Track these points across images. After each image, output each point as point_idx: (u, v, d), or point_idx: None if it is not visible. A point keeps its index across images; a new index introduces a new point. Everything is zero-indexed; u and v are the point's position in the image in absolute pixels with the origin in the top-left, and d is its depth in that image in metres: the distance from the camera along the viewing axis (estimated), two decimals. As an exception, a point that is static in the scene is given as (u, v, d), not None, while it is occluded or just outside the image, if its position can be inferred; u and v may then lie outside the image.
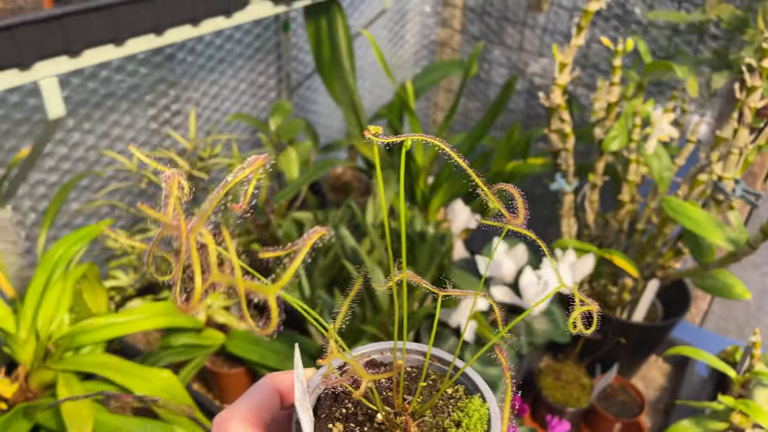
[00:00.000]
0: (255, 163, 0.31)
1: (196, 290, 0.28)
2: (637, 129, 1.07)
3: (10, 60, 0.78)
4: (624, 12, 1.71)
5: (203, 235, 0.29)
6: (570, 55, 1.01)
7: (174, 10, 0.92)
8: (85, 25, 0.83)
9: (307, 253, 0.30)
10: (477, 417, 0.38)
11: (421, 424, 0.38)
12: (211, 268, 0.29)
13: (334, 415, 0.38)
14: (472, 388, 0.41)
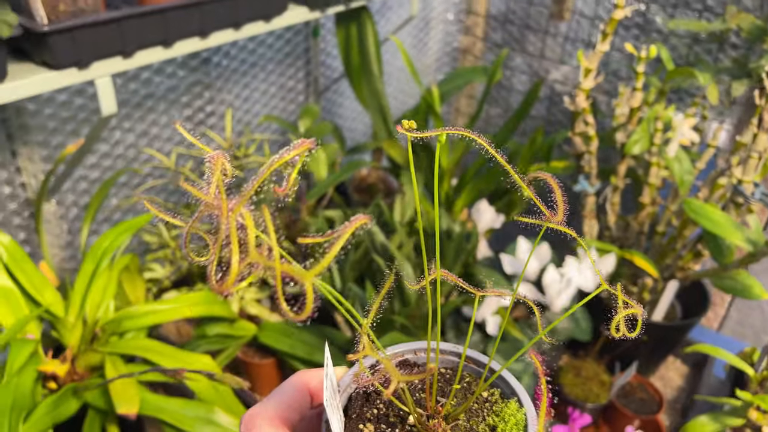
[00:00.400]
0: (300, 146, 0.32)
1: (233, 270, 0.28)
2: (659, 133, 1.11)
3: (69, 59, 0.84)
4: (645, 21, 1.75)
5: (243, 215, 0.29)
6: (595, 61, 1.05)
7: (219, 14, 0.98)
8: (139, 27, 0.88)
9: (340, 247, 0.29)
10: (513, 422, 0.37)
11: (454, 427, 0.38)
12: (249, 249, 0.28)
13: (365, 416, 0.38)
14: (508, 392, 0.40)
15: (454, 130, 0.34)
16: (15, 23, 0.75)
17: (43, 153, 1.18)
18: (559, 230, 0.36)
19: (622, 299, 0.35)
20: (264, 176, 0.31)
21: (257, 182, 0.30)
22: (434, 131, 0.33)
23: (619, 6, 1.00)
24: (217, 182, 0.30)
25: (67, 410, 0.84)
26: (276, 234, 0.29)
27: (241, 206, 0.29)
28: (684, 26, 1.59)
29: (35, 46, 0.82)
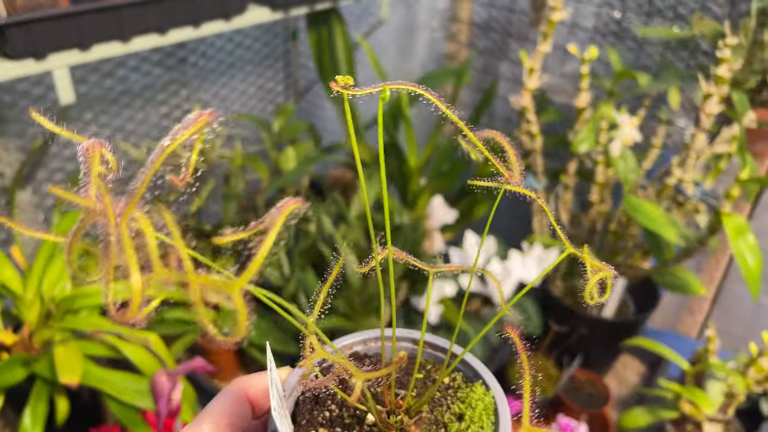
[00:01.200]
0: (197, 122, 0.27)
1: (134, 293, 0.23)
2: (604, 132, 1.14)
3: (26, 51, 0.90)
4: (620, 29, 1.78)
5: (137, 219, 0.24)
6: (537, 61, 1.09)
7: (177, 11, 1.04)
8: (96, 22, 0.94)
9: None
10: (481, 407, 0.35)
11: (418, 422, 0.35)
12: (152, 262, 0.23)
13: (317, 420, 0.35)
14: (471, 375, 0.38)
15: (396, 84, 0.30)
16: (-29, 15, 0.82)
17: (19, 143, 1.25)
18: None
19: (589, 263, 0.33)
20: (154, 168, 0.25)
21: (148, 175, 0.25)
22: (377, 87, 0.30)
23: (556, 8, 1.04)
24: (96, 182, 0.25)
25: (15, 377, 0.90)
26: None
27: (131, 209, 0.24)
28: (654, 33, 1.63)
29: (-6, 37, 0.88)
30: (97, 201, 0.24)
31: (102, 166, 0.26)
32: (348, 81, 0.30)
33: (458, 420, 0.35)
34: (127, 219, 0.24)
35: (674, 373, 1.39)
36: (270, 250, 0.24)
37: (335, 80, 0.30)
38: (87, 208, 0.25)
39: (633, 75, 1.14)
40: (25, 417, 0.91)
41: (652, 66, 1.71)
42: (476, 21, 2.09)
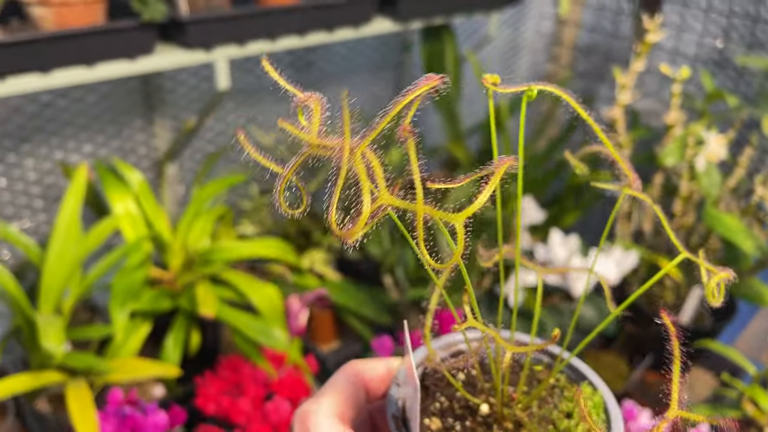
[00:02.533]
0: (425, 84, 0.30)
1: (364, 211, 0.26)
2: (691, 148, 1.22)
3: (200, 43, 1.11)
4: (721, 58, 1.83)
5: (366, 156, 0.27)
6: (630, 79, 1.19)
7: (315, 17, 1.23)
8: (252, 23, 1.15)
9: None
10: (590, 405, 0.36)
11: (529, 415, 0.36)
12: (380, 190, 0.26)
13: (429, 410, 0.36)
14: (575, 377, 0.39)
15: (541, 85, 0.34)
16: (164, 12, 1.03)
17: (173, 124, 1.48)
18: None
19: (704, 266, 0.35)
20: (391, 114, 0.29)
21: (385, 120, 0.29)
22: (519, 87, 0.34)
23: (651, 31, 1.14)
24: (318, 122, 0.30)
25: (163, 305, 1.10)
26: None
27: (367, 142, 0.27)
28: (754, 63, 1.67)
29: (176, 31, 1.09)
30: (321, 138, 0.28)
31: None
32: (496, 80, 0.33)
33: (567, 417, 0.36)
34: (362, 151, 0.27)
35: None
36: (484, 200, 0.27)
37: (485, 78, 0.33)
38: (311, 144, 0.28)
39: (723, 96, 1.22)
40: (168, 342, 1.11)
41: (751, 95, 1.75)
42: (579, 45, 2.19)
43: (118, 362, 1.01)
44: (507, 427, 0.36)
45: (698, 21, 1.89)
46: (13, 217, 1.34)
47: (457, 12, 1.48)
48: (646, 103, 2.03)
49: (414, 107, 0.30)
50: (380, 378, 0.38)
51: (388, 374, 0.39)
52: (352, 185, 0.27)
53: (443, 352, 0.40)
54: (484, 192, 0.28)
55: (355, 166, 0.27)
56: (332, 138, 0.28)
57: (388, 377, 0.39)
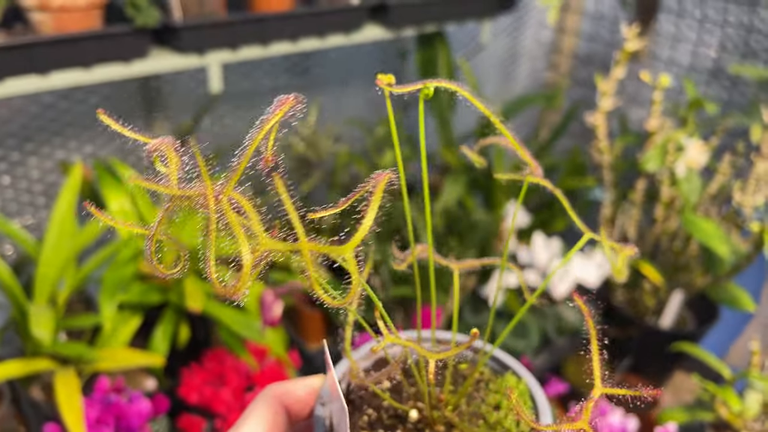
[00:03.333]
0: (283, 105, 0.28)
1: (245, 265, 0.24)
2: (671, 154, 1.24)
3: (193, 47, 1.16)
4: (716, 67, 1.85)
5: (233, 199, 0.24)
6: (610, 86, 1.22)
7: (307, 24, 1.27)
8: (245, 29, 1.19)
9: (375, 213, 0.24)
10: (516, 394, 0.36)
11: (459, 414, 0.36)
12: (257, 234, 0.23)
13: (357, 425, 0.35)
14: (498, 368, 0.39)
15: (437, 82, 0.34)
16: (158, 18, 1.08)
17: (171, 125, 1.53)
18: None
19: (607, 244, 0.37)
20: (251, 149, 0.27)
21: (246, 156, 0.27)
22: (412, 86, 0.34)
23: (629, 39, 1.17)
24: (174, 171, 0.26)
25: (153, 298, 1.14)
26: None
27: (231, 186, 0.25)
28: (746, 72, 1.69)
29: (170, 36, 1.14)
30: (180, 188, 0.25)
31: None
32: (390, 79, 0.33)
33: (495, 410, 0.36)
34: (227, 196, 0.24)
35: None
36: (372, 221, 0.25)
37: (379, 78, 0.33)
38: (173, 195, 0.25)
39: (703, 104, 1.24)
40: (157, 334, 1.15)
41: (745, 103, 1.77)
42: (577, 53, 2.22)
43: (107, 352, 1.05)
44: (438, 430, 0.36)
45: (693, 31, 1.91)
46: (15, 214, 1.39)
47: (448, 19, 1.51)
48: (641, 112, 2.05)
49: (272, 137, 0.28)
50: (302, 399, 0.37)
51: (309, 394, 0.38)
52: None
53: (366, 362, 0.40)
54: (367, 215, 0.25)
55: (226, 215, 0.24)
56: (194, 185, 0.26)
57: (310, 398, 0.38)
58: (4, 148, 1.32)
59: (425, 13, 1.44)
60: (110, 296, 1.05)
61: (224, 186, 0.25)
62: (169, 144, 0.27)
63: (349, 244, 0.24)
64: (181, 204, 0.27)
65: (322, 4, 1.29)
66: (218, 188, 0.26)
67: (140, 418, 0.97)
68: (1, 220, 1.16)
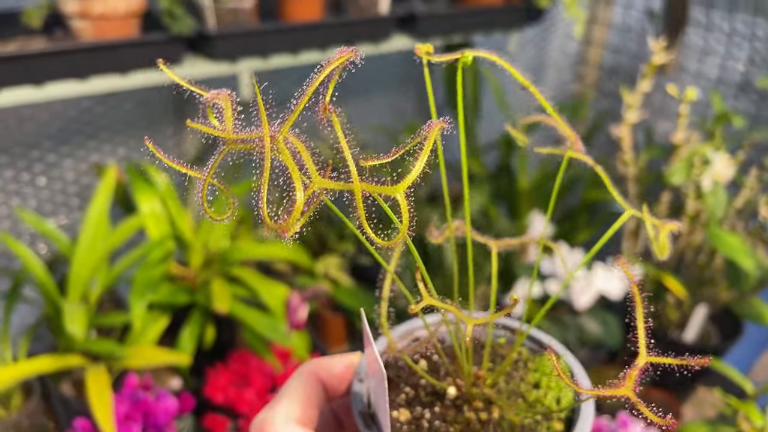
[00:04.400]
0: (341, 56, 0.29)
1: (297, 200, 0.24)
2: (697, 167, 1.24)
3: (226, 55, 1.19)
4: (744, 81, 1.84)
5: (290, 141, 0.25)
6: (637, 99, 1.22)
7: (336, 33, 1.29)
8: (276, 38, 1.22)
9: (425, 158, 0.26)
10: (561, 365, 0.35)
11: (497, 392, 0.36)
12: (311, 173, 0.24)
13: (395, 402, 0.35)
14: (536, 348, 0.39)
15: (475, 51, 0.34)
16: (192, 26, 1.11)
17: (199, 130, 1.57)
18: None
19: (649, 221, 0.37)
20: (308, 94, 0.28)
21: (302, 102, 0.28)
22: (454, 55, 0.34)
23: (656, 53, 1.17)
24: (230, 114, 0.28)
25: (181, 299, 1.17)
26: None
27: (287, 127, 0.26)
28: (774, 87, 1.68)
29: (204, 44, 1.17)
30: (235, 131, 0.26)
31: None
32: (429, 48, 0.34)
33: (534, 388, 0.36)
34: (283, 136, 0.25)
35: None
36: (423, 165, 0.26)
37: (418, 47, 0.34)
38: (227, 138, 0.26)
39: (730, 118, 1.24)
40: (184, 333, 1.18)
41: (772, 118, 1.75)
42: (604, 65, 2.22)
43: (136, 349, 1.08)
44: (477, 407, 0.35)
45: (721, 44, 1.90)
46: (50, 213, 1.44)
47: (475, 30, 1.53)
48: (668, 125, 2.04)
49: (332, 84, 0.29)
50: (339, 375, 0.37)
51: (347, 370, 0.38)
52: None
53: (402, 342, 0.39)
54: (419, 160, 0.26)
55: (281, 155, 0.25)
56: (249, 130, 0.26)
57: (347, 374, 0.38)
58: (41, 150, 1.37)
59: (453, 24, 1.46)
60: (140, 296, 1.08)
61: (280, 127, 0.26)
62: (225, 95, 0.28)
63: (401, 185, 0.25)
64: (236, 148, 0.27)
65: (352, 15, 1.31)
66: (274, 131, 0.26)
67: (167, 416, 0.99)
68: (37, 219, 1.20)
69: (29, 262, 1.12)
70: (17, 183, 1.37)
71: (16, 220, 1.38)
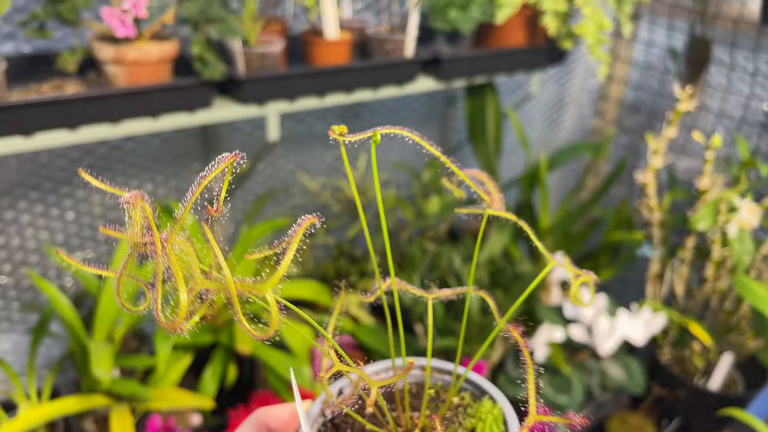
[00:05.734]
0: (225, 160, 0.31)
1: (181, 303, 0.27)
2: (723, 214, 1.23)
3: (254, 98, 1.21)
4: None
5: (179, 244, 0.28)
6: (662, 144, 1.22)
7: (362, 77, 1.31)
8: (303, 82, 1.24)
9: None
10: (491, 419, 0.38)
11: None
12: (194, 274, 0.27)
13: None
14: (478, 393, 0.41)
15: (387, 129, 0.36)
16: (223, 71, 1.14)
17: (227, 167, 1.59)
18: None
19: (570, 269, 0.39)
20: (192, 199, 0.30)
21: (187, 207, 0.30)
22: (364, 133, 0.35)
23: (682, 100, 1.18)
24: (137, 223, 0.30)
25: (205, 339, 1.18)
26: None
27: (175, 233, 0.28)
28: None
29: (233, 87, 1.20)
30: (142, 235, 0.29)
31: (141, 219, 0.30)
32: (343, 130, 0.34)
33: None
34: (171, 244, 0.28)
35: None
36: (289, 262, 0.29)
37: (332, 129, 0.34)
38: (133, 242, 0.29)
39: (756, 164, 1.23)
40: (206, 374, 1.19)
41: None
42: (624, 102, 2.22)
43: (159, 391, 1.09)
44: None
45: (745, 84, 1.90)
46: (77, 247, 1.46)
47: (498, 72, 1.54)
48: (690, 162, 2.03)
49: (224, 186, 0.32)
50: (286, 422, 0.39)
51: (292, 418, 0.40)
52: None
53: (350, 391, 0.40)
54: (287, 255, 0.28)
55: (169, 259, 0.27)
56: (149, 235, 0.30)
57: (293, 421, 0.40)
58: (71, 185, 1.40)
59: (476, 66, 1.47)
60: (165, 337, 1.09)
61: (168, 236, 0.28)
62: (136, 198, 0.30)
63: (268, 284, 0.27)
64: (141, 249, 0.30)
65: (377, 58, 1.33)
66: (164, 237, 0.29)
67: (189, 459, 0.99)
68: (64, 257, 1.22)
69: (56, 299, 1.14)
70: (46, 218, 1.40)
71: (45, 254, 1.41)
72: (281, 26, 1.31)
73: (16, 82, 1.10)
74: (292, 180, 1.71)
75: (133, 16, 1.03)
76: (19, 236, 1.38)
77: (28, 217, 1.37)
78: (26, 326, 1.43)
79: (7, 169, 1.31)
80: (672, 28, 1.83)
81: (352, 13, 1.51)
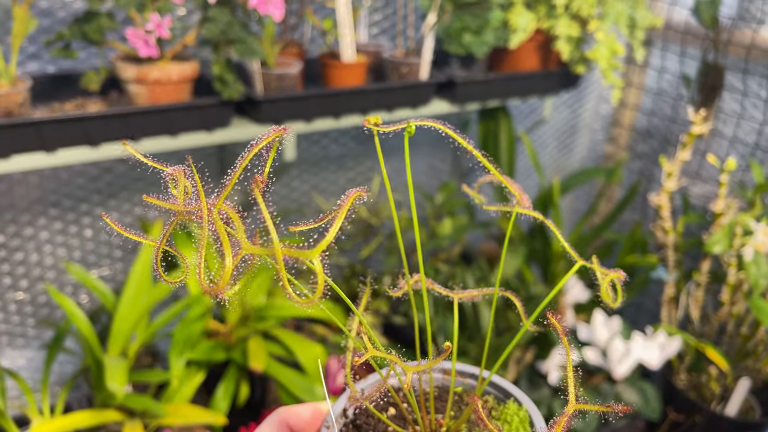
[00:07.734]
0: (272, 134, 0.32)
1: (227, 266, 0.27)
2: (738, 237, 1.23)
3: (271, 118, 1.23)
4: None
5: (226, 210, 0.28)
6: (676, 167, 1.23)
7: (377, 99, 1.33)
8: (319, 103, 1.26)
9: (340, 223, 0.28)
10: (517, 421, 0.38)
11: None
12: (241, 240, 0.27)
13: None
14: (502, 396, 0.40)
15: (420, 121, 0.36)
16: (242, 91, 1.16)
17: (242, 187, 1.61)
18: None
19: (598, 269, 0.39)
20: (239, 170, 0.32)
21: (234, 177, 0.32)
22: (401, 124, 0.36)
23: (696, 123, 1.18)
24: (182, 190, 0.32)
25: (218, 356, 1.18)
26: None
27: (222, 200, 0.30)
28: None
29: (251, 108, 1.22)
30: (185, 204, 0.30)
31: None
32: (377, 120, 0.35)
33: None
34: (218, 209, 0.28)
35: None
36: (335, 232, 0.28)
37: (366, 119, 0.35)
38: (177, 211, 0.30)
39: None
40: (219, 391, 1.19)
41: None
42: (637, 127, 2.23)
43: (172, 407, 1.09)
44: None
45: (758, 110, 1.90)
46: (94, 264, 1.48)
47: (512, 96, 1.56)
48: (704, 188, 2.03)
49: (270, 159, 0.32)
50: (307, 422, 0.39)
51: (314, 418, 0.40)
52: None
53: (374, 389, 0.40)
54: (333, 226, 0.29)
55: (215, 224, 0.28)
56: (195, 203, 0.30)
57: (315, 421, 0.40)
58: (89, 203, 1.42)
59: (490, 90, 1.49)
60: (179, 353, 1.09)
61: (214, 202, 0.29)
62: (180, 170, 0.31)
63: (316, 249, 0.27)
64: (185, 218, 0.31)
65: (393, 81, 1.35)
66: (211, 203, 0.30)
67: (201, 476, 0.99)
68: (82, 272, 1.23)
69: (73, 314, 1.15)
70: (64, 235, 1.42)
71: (61, 270, 1.43)
72: (299, 49, 1.34)
73: (40, 100, 1.13)
74: (305, 200, 1.73)
75: (156, 37, 1.05)
76: (37, 252, 1.39)
77: (47, 234, 1.39)
78: (41, 342, 1.44)
79: (28, 186, 1.34)
80: (684, 55, 1.84)
81: (368, 37, 1.54)
